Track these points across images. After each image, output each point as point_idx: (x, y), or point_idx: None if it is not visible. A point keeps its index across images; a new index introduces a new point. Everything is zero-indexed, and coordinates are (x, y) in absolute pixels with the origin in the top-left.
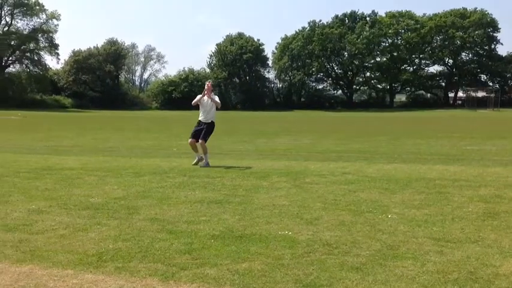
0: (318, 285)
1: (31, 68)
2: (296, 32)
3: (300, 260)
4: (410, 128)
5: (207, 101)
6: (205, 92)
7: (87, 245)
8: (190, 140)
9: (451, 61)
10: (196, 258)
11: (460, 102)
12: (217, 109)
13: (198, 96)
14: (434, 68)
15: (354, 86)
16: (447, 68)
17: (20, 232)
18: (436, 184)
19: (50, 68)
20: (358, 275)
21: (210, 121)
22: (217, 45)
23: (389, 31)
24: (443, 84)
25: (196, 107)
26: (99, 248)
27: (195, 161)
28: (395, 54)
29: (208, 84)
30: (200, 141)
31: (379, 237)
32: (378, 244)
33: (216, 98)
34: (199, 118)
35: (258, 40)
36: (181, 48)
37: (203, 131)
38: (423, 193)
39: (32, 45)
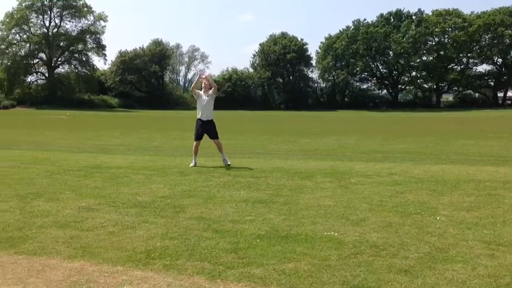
0: (365, 287)
1: (79, 68)
2: (340, 31)
3: (347, 262)
4: (458, 128)
5: (204, 98)
6: (204, 81)
7: (136, 242)
8: (196, 142)
9: (500, 60)
10: (242, 257)
11: (509, 102)
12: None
13: (197, 91)
14: (483, 67)
15: (399, 86)
16: (496, 67)
17: (71, 229)
18: (486, 186)
19: (98, 69)
20: (406, 278)
21: (211, 118)
22: (260, 45)
23: (436, 30)
24: (492, 83)
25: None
26: (147, 246)
27: (193, 163)
28: (442, 53)
29: (204, 81)
30: (215, 141)
31: (428, 240)
32: (426, 247)
33: (213, 87)
34: (199, 117)
35: (302, 40)
36: (225, 48)
37: (212, 131)
38: (473, 195)
39: (80, 46)
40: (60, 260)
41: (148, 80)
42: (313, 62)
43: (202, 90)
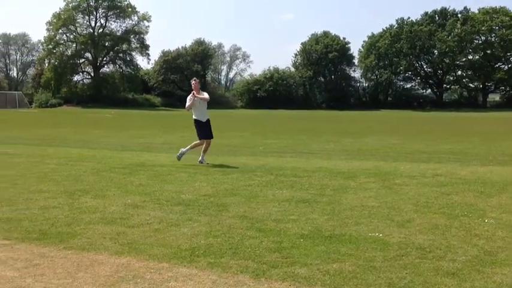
0: None
1: (123, 68)
2: (383, 30)
3: (393, 263)
4: (505, 128)
5: (197, 100)
6: (193, 92)
7: (180, 239)
8: (207, 141)
9: None
10: (286, 257)
11: None
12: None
13: (188, 99)
14: None
15: (444, 85)
16: None
17: (117, 225)
18: None
19: (141, 68)
20: (454, 281)
21: (208, 117)
22: (302, 44)
23: (483, 28)
24: None
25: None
26: (191, 243)
27: (202, 160)
28: (488, 52)
29: (194, 83)
30: (209, 140)
31: (476, 243)
32: (474, 249)
33: (206, 95)
34: (198, 118)
35: (344, 39)
36: (266, 47)
37: (210, 130)
38: None
39: (124, 46)
40: (107, 255)
41: (191, 80)
42: (356, 61)
43: (192, 94)
